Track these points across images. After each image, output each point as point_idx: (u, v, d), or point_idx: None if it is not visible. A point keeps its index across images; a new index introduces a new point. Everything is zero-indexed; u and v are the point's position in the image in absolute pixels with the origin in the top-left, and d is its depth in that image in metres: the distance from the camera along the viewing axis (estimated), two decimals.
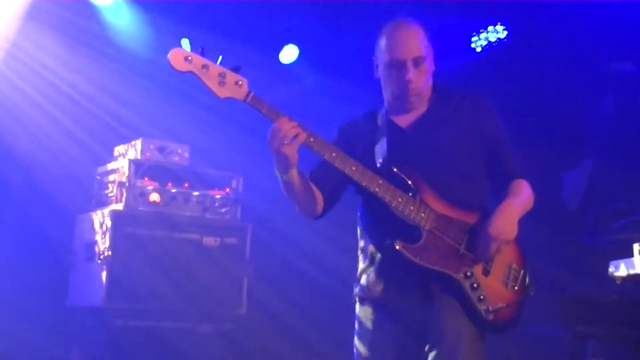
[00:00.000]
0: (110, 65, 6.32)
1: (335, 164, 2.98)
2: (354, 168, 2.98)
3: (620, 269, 3.86)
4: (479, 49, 6.77)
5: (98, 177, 5.90)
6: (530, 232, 3.26)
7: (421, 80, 3.13)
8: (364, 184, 2.99)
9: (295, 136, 2.87)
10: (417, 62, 3.09)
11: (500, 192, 3.20)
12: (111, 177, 5.76)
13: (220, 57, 2.93)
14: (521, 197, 3.15)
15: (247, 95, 2.92)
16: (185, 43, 2.89)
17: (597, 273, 4.42)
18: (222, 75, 2.91)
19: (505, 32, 6.64)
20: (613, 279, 3.89)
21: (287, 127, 2.87)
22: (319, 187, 3.16)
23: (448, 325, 2.99)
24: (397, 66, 3.10)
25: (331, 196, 3.21)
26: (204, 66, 2.90)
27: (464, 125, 3.19)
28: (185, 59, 2.88)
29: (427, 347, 3.00)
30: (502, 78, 6.58)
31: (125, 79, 6.34)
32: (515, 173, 3.22)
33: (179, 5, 6.19)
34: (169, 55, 2.88)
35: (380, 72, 3.20)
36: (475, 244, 3.04)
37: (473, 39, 6.78)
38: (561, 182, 6.25)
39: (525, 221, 3.18)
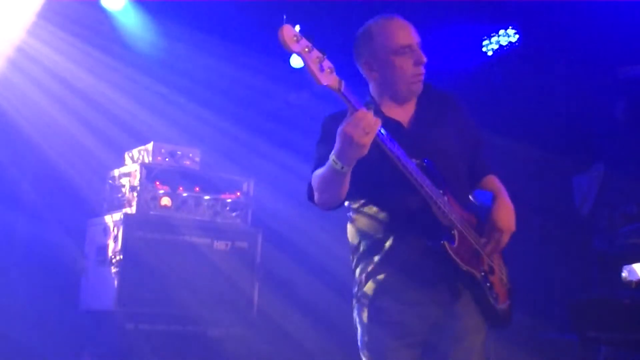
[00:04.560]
0: (121, 70, 6.34)
1: (395, 161, 2.85)
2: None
3: (634, 273, 3.85)
4: (490, 53, 6.77)
5: (109, 181, 5.92)
6: (541, 237, 3.26)
7: None
8: (416, 181, 2.87)
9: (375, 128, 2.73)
10: (419, 47, 3.09)
11: (473, 187, 3.20)
12: (122, 181, 5.77)
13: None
14: (505, 191, 3.17)
15: (340, 83, 2.78)
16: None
17: (609, 277, 4.40)
18: (320, 60, 2.74)
19: (517, 36, 6.64)
20: (627, 283, 3.88)
21: (371, 117, 2.72)
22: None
23: (469, 326, 3.01)
24: (408, 51, 3.06)
25: (349, 190, 3.02)
26: (309, 49, 2.71)
27: (452, 124, 3.19)
28: (295, 37, 2.70)
29: (444, 347, 3.00)
30: (513, 82, 6.58)
31: (136, 83, 6.36)
32: (487, 169, 3.26)
33: (189, 10, 6.21)
34: (280, 30, 2.69)
35: (382, 66, 3.13)
36: (485, 241, 3.05)
37: (484, 42, 6.78)
38: (572, 186, 6.23)
39: (536, 225, 3.18)
